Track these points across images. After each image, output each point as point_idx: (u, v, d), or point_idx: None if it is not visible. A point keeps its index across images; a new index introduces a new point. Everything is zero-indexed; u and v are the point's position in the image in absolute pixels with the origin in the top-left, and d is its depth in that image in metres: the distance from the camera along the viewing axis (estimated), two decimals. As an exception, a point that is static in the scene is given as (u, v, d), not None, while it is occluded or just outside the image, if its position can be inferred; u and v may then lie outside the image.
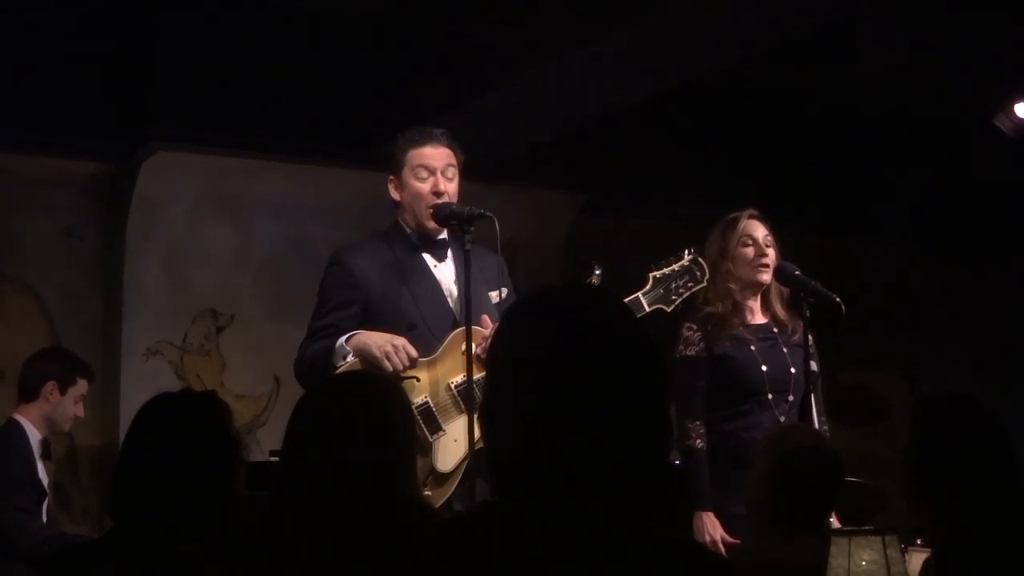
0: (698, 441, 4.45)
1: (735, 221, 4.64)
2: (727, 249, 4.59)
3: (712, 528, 4.34)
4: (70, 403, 5.43)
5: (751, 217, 4.64)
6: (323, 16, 6.39)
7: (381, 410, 2.68)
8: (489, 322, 3.99)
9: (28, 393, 5.39)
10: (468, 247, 3.95)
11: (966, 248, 8.10)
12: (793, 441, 3.67)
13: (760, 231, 4.61)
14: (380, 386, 2.84)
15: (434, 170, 4.14)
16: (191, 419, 2.83)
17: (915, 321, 8.31)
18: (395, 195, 4.22)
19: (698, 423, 4.46)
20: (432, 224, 4.14)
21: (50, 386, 5.38)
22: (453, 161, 4.18)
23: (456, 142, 4.24)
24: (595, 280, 4.15)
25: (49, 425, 5.41)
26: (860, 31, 6.38)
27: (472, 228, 3.99)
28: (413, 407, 3.36)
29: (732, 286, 4.58)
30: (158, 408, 2.89)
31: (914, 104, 7.14)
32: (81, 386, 5.48)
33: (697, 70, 6.02)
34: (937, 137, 7.29)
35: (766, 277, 4.59)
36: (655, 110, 6.59)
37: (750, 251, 4.59)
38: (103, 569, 2.78)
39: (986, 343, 8.22)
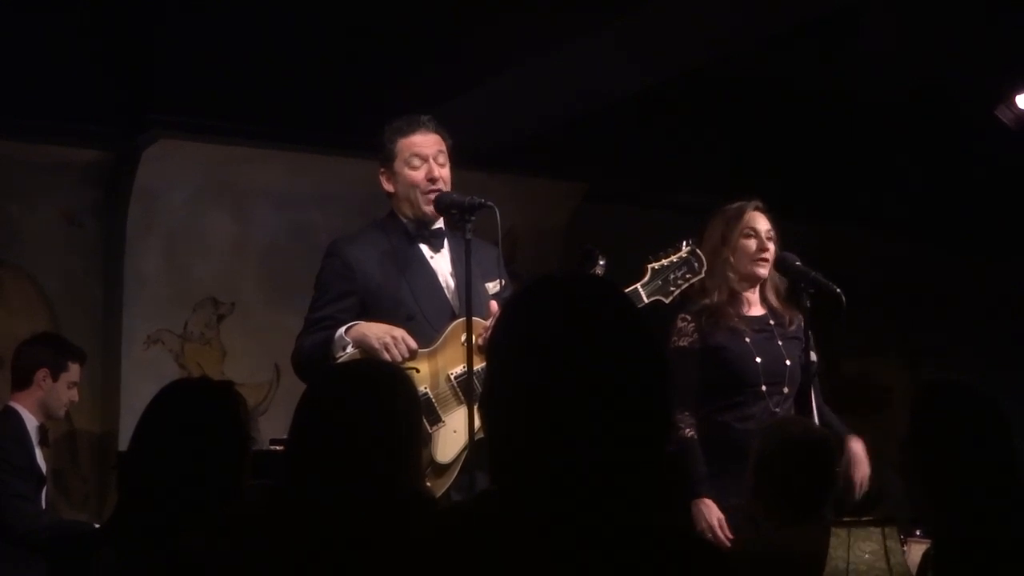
0: (688, 431, 4.43)
1: (740, 211, 4.61)
2: (729, 238, 4.57)
3: (709, 515, 4.33)
4: (63, 389, 5.43)
5: (756, 209, 4.63)
6: (324, 4, 6.38)
7: (390, 398, 2.67)
8: (497, 309, 3.97)
9: (21, 380, 5.40)
10: (469, 237, 3.93)
11: (968, 236, 8.09)
12: (783, 432, 3.69)
13: (763, 224, 4.59)
14: (389, 374, 2.83)
15: (426, 157, 4.12)
16: (208, 409, 2.82)
17: (917, 310, 8.31)
18: (388, 187, 4.19)
19: (687, 414, 4.44)
20: (430, 210, 4.12)
21: (42, 373, 5.37)
22: (443, 147, 4.17)
23: (444, 127, 4.21)
24: (599, 270, 4.14)
25: (44, 411, 5.41)
26: (861, 19, 6.36)
27: (473, 218, 3.97)
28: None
29: (730, 275, 4.57)
30: (176, 394, 2.89)
31: (916, 91, 7.12)
32: (73, 371, 5.47)
33: (697, 58, 6.01)
34: (939, 124, 7.28)
35: (764, 272, 4.58)
36: (655, 98, 6.57)
37: (752, 243, 4.57)
38: (104, 555, 2.78)
39: (988, 331, 8.22)
